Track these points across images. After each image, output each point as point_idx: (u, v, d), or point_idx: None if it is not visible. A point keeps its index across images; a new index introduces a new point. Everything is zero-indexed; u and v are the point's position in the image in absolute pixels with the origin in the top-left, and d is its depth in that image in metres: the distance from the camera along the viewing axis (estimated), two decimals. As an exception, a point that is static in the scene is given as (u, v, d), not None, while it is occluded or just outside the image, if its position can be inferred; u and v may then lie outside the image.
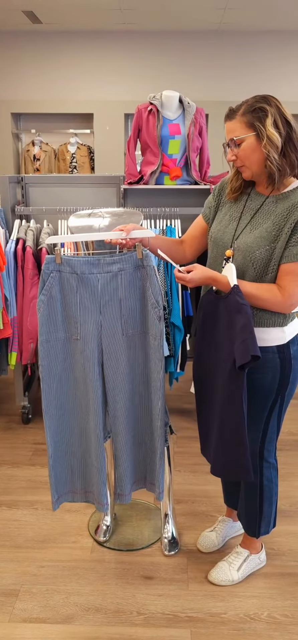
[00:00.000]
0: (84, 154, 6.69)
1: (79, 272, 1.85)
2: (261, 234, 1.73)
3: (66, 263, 1.83)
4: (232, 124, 1.74)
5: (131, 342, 1.95)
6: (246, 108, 1.71)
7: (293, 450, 3.07)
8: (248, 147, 1.72)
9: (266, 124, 1.67)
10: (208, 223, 1.96)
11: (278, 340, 1.80)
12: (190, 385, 3.88)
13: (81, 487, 2.10)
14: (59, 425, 2.00)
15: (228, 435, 1.78)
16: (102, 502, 2.04)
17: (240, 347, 1.65)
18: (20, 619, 1.93)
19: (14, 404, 3.47)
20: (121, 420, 2.00)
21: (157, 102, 3.15)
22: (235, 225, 1.82)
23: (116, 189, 3.40)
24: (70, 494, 2.10)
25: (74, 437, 2.03)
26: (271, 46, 6.59)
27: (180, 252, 2.02)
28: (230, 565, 2.10)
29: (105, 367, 1.95)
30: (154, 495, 2.12)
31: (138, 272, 1.89)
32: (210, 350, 1.85)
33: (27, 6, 5.70)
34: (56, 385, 1.95)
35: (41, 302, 1.83)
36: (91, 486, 2.07)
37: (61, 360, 1.92)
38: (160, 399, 1.97)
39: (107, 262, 1.86)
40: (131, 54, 6.70)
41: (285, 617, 1.94)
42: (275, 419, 1.90)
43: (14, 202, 3.29)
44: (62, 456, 2.04)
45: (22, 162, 6.79)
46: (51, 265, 1.82)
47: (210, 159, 3.38)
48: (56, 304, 1.86)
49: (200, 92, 6.50)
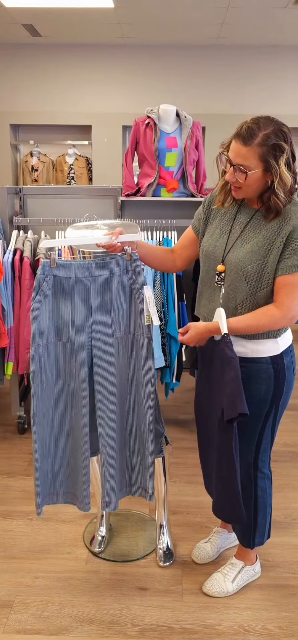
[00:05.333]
0: (82, 165, 6.74)
1: (73, 276, 1.87)
2: (252, 248, 1.74)
3: (60, 267, 1.85)
4: (246, 151, 1.65)
5: (120, 343, 1.98)
6: (264, 139, 1.63)
7: (288, 461, 3.08)
8: (253, 178, 1.69)
9: (280, 163, 1.64)
10: (198, 234, 1.97)
11: (271, 351, 1.81)
12: (185, 396, 3.89)
13: (62, 489, 2.09)
14: (47, 431, 2.00)
15: (222, 483, 1.81)
16: (86, 502, 2.03)
17: (227, 401, 1.66)
18: (15, 630, 1.93)
19: (10, 413, 3.46)
20: (110, 425, 2.00)
21: (154, 115, 3.18)
22: (226, 238, 1.83)
23: (113, 201, 3.42)
24: (50, 496, 2.09)
25: (60, 441, 2.04)
26: (268, 60, 6.67)
27: (170, 261, 2.04)
28: (225, 576, 2.10)
29: (95, 369, 1.96)
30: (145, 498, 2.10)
31: (126, 275, 1.94)
32: (208, 390, 1.88)
33: (27, 20, 5.77)
34: (46, 391, 1.95)
35: (36, 308, 1.84)
36: (73, 487, 2.07)
37: (51, 364, 1.93)
38: (151, 396, 1.99)
39: (99, 266, 1.89)
40: (129, 67, 6.77)
41: (280, 629, 1.94)
42: (269, 430, 1.91)
43: (11, 213, 3.31)
44: (47, 461, 2.04)
45: (20, 172, 6.83)
46: (46, 269, 1.84)
47: (206, 172, 3.42)
48: (49, 309, 1.87)
49: (197, 105, 6.57)
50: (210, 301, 1.88)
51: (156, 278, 3.05)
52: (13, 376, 3.24)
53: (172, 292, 3.08)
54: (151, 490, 2.08)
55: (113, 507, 2.08)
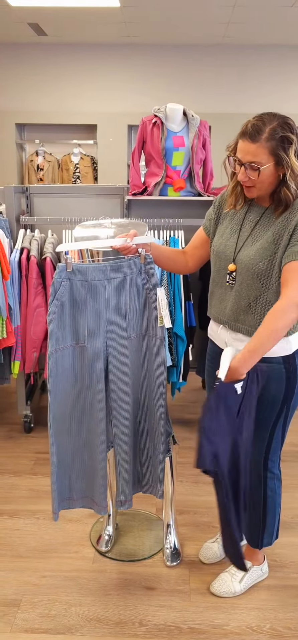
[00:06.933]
0: (87, 165, 6.74)
1: (89, 279, 1.86)
2: (262, 245, 1.74)
3: (76, 271, 1.85)
4: (255, 148, 1.64)
5: (134, 345, 1.99)
6: (271, 133, 1.63)
7: (295, 461, 3.07)
8: (266, 173, 1.68)
9: (290, 154, 1.63)
10: (209, 235, 1.97)
11: (283, 350, 1.80)
12: (192, 396, 3.88)
13: (78, 494, 2.09)
14: (64, 435, 1.99)
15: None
16: (104, 505, 2.04)
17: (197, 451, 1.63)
18: (22, 629, 1.93)
19: (16, 412, 3.46)
20: (125, 425, 2.01)
21: (161, 114, 3.18)
22: (236, 238, 1.83)
23: (120, 200, 3.42)
24: (66, 501, 2.09)
25: (77, 445, 2.03)
26: (274, 60, 6.65)
27: (182, 262, 2.04)
28: (232, 576, 2.09)
29: (110, 371, 1.96)
30: (155, 496, 2.13)
31: (140, 277, 1.95)
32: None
33: (32, 19, 5.77)
34: (63, 395, 1.95)
35: (53, 312, 1.83)
36: (90, 491, 2.07)
37: (68, 368, 1.93)
38: (163, 396, 2.02)
39: (114, 268, 1.89)
40: (135, 66, 6.77)
41: (288, 629, 1.93)
42: (280, 430, 1.90)
43: (18, 212, 3.31)
44: (64, 466, 2.04)
45: (26, 172, 6.83)
46: (62, 273, 1.83)
47: (213, 171, 3.41)
48: (65, 313, 1.86)
49: (203, 105, 6.56)
50: (221, 301, 1.88)
51: (163, 277, 3.04)
52: (19, 375, 3.24)
53: (179, 291, 3.07)
54: (161, 489, 2.10)
55: (128, 506, 2.09)
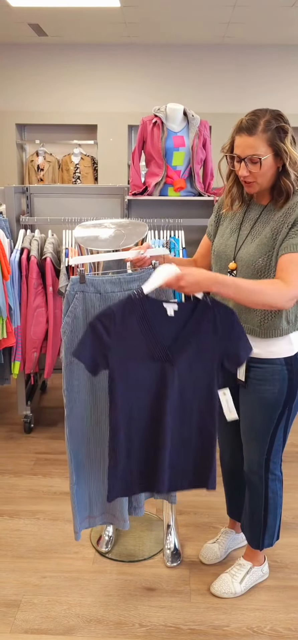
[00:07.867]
0: (87, 165, 6.74)
1: (102, 291, 1.84)
2: (262, 241, 1.74)
3: (89, 283, 1.83)
4: (253, 141, 1.66)
5: None
6: (266, 125, 1.65)
7: (296, 462, 3.06)
8: (267, 164, 1.68)
9: (287, 143, 1.65)
10: (211, 240, 1.98)
11: (285, 352, 1.80)
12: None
13: (98, 511, 2.08)
14: (81, 450, 1.97)
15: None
16: (126, 519, 2.05)
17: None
18: (22, 629, 1.92)
19: (16, 413, 3.46)
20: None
21: (162, 114, 3.17)
22: (236, 237, 1.83)
23: (120, 200, 3.42)
24: (87, 520, 2.07)
25: (94, 459, 2.01)
26: (274, 59, 6.65)
27: None
28: (233, 577, 2.09)
29: None
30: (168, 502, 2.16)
31: None
32: None
33: (33, 19, 5.77)
34: (78, 409, 1.92)
35: (66, 325, 1.81)
36: (112, 506, 2.05)
37: (82, 381, 1.91)
38: None
39: (127, 280, 1.88)
40: (135, 66, 6.77)
41: (289, 630, 1.93)
42: (282, 431, 1.90)
43: (18, 212, 3.31)
44: (82, 482, 2.01)
45: (26, 172, 6.84)
46: (75, 286, 1.81)
47: (213, 171, 3.40)
48: (79, 325, 1.84)
49: (203, 104, 6.54)
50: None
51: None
52: (19, 375, 3.23)
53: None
54: (174, 493, 2.11)
55: (140, 513, 2.11)
